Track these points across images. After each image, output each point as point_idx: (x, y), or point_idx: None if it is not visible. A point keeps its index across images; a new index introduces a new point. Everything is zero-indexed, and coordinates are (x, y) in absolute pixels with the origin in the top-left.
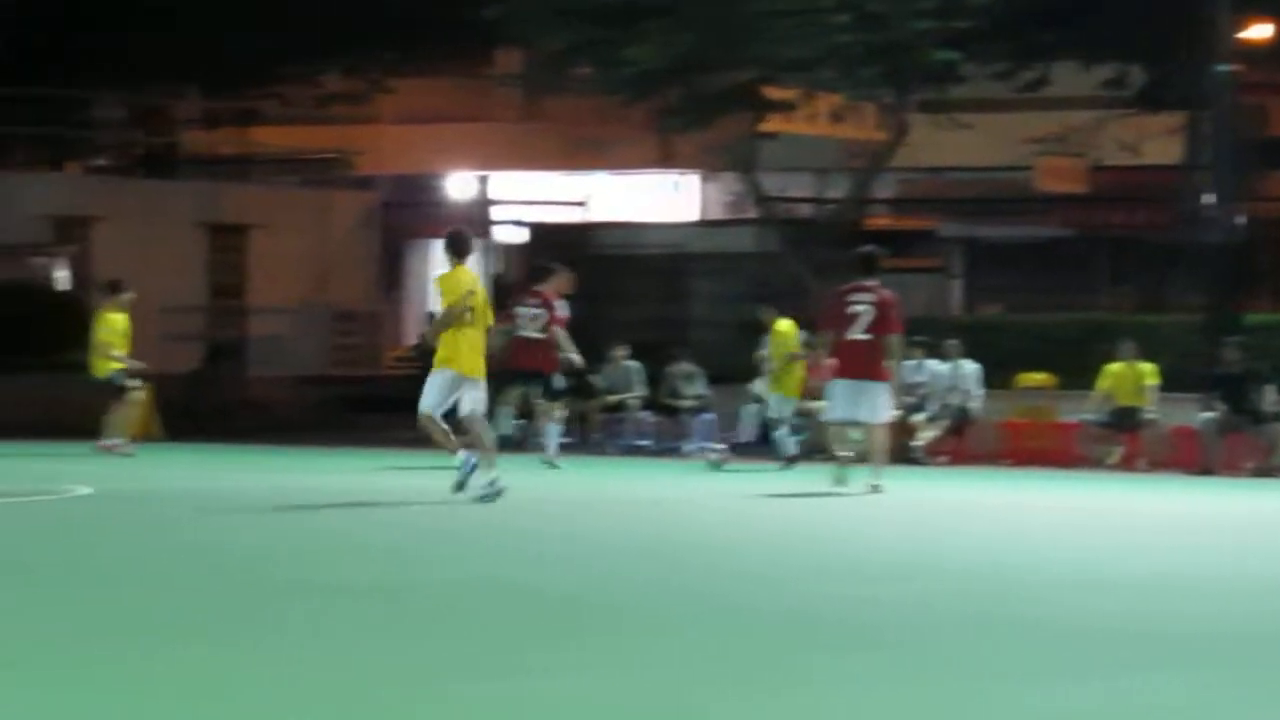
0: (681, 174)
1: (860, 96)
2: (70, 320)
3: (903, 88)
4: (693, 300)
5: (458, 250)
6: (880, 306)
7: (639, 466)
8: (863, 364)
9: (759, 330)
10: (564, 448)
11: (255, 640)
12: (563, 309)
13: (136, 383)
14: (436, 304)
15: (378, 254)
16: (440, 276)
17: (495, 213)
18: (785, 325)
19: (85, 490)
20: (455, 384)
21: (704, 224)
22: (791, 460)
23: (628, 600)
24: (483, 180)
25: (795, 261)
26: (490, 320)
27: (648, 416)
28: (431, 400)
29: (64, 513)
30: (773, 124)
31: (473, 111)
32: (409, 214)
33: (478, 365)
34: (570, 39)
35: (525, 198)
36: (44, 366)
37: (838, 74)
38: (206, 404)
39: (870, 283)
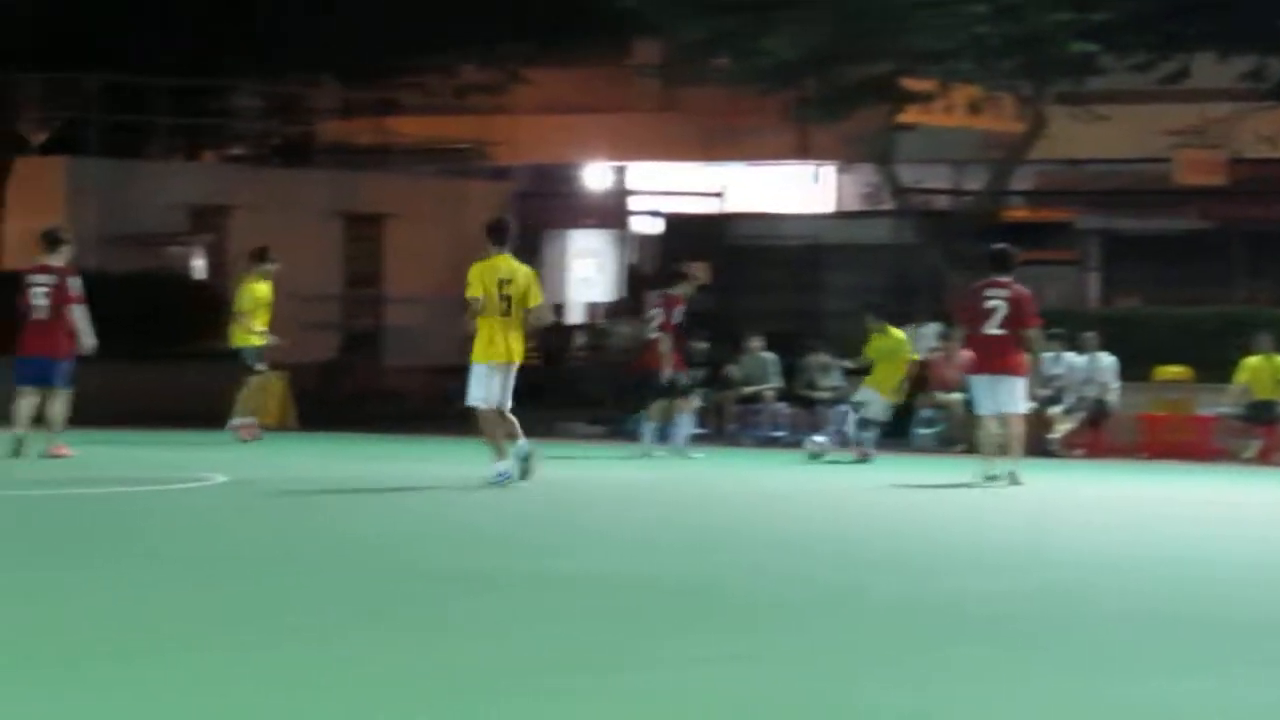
0: (818, 165)
1: (998, 88)
2: (206, 309)
3: (1041, 79)
4: (829, 291)
5: (496, 238)
6: (1014, 302)
7: (773, 458)
8: (998, 358)
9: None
10: (699, 439)
11: (383, 629)
12: (677, 315)
13: (263, 366)
14: (571, 293)
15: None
16: (473, 265)
17: (631, 203)
18: (896, 333)
19: (221, 478)
20: (492, 373)
21: (840, 215)
22: (864, 456)
23: (763, 592)
24: (619, 171)
25: (932, 253)
26: (531, 304)
27: (783, 408)
28: (478, 393)
29: (200, 501)
30: (910, 115)
31: (610, 102)
32: (545, 204)
33: (506, 353)
34: (708, 29)
35: (661, 188)
36: (180, 355)
37: (976, 65)
38: (341, 393)
39: (1004, 279)
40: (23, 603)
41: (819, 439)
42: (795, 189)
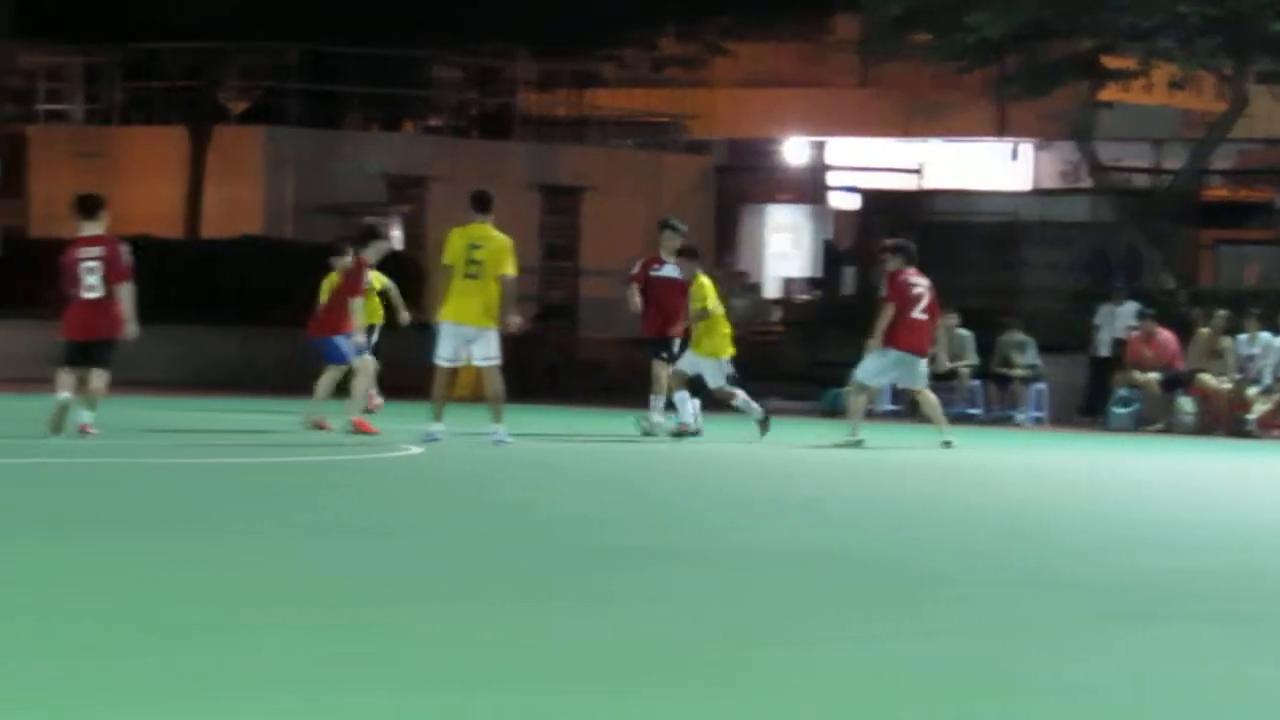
0: (1017, 142)
1: (1199, 66)
2: (404, 280)
3: (1242, 58)
4: (1026, 269)
5: (478, 206)
6: None
7: (969, 435)
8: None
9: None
10: (893, 414)
11: (576, 600)
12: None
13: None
14: (775, 268)
15: (711, 218)
16: (449, 233)
17: (829, 179)
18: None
19: (417, 450)
20: (454, 334)
21: (1038, 193)
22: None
23: (946, 568)
24: (818, 146)
25: (1130, 232)
26: (502, 272)
27: (979, 385)
28: (442, 352)
29: (397, 471)
30: (1110, 93)
31: (809, 77)
32: (743, 178)
33: (475, 315)
34: (909, 5)
35: (860, 164)
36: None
37: (1176, 44)
38: (536, 365)
39: None
40: (234, 567)
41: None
42: (994, 166)
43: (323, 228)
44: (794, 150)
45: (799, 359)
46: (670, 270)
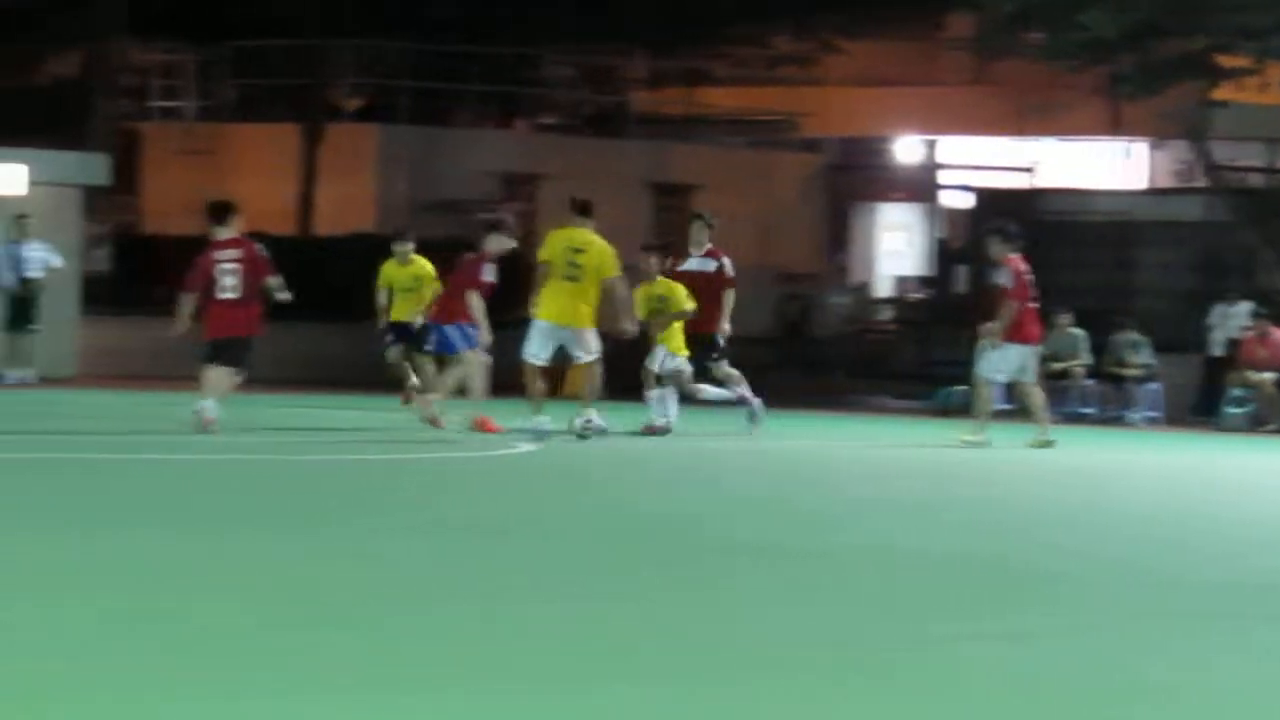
0: (1131, 141)
1: None
2: (516, 277)
3: None
4: (1139, 269)
5: (580, 211)
6: None
7: (1081, 435)
8: None
9: None
10: (1004, 414)
11: (686, 599)
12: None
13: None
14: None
15: (823, 217)
16: (550, 232)
17: (941, 177)
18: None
19: (529, 447)
20: (549, 333)
21: (1152, 192)
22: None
23: (1061, 568)
24: (930, 144)
25: (1245, 232)
26: (606, 275)
27: (1092, 384)
28: (531, 348)
29: (509, 468)
30: (1224, 92)
31: (921, 75)
32: (855, 177)
33: (573, 317)
34: (1023, 2)
35: (972, 162)
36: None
37: None
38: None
39: None
40: (356, 563)
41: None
42: (1107, 165)
43: (435, 225)
44: (906, 148)
45: (911, 358)
46: (698, 263)
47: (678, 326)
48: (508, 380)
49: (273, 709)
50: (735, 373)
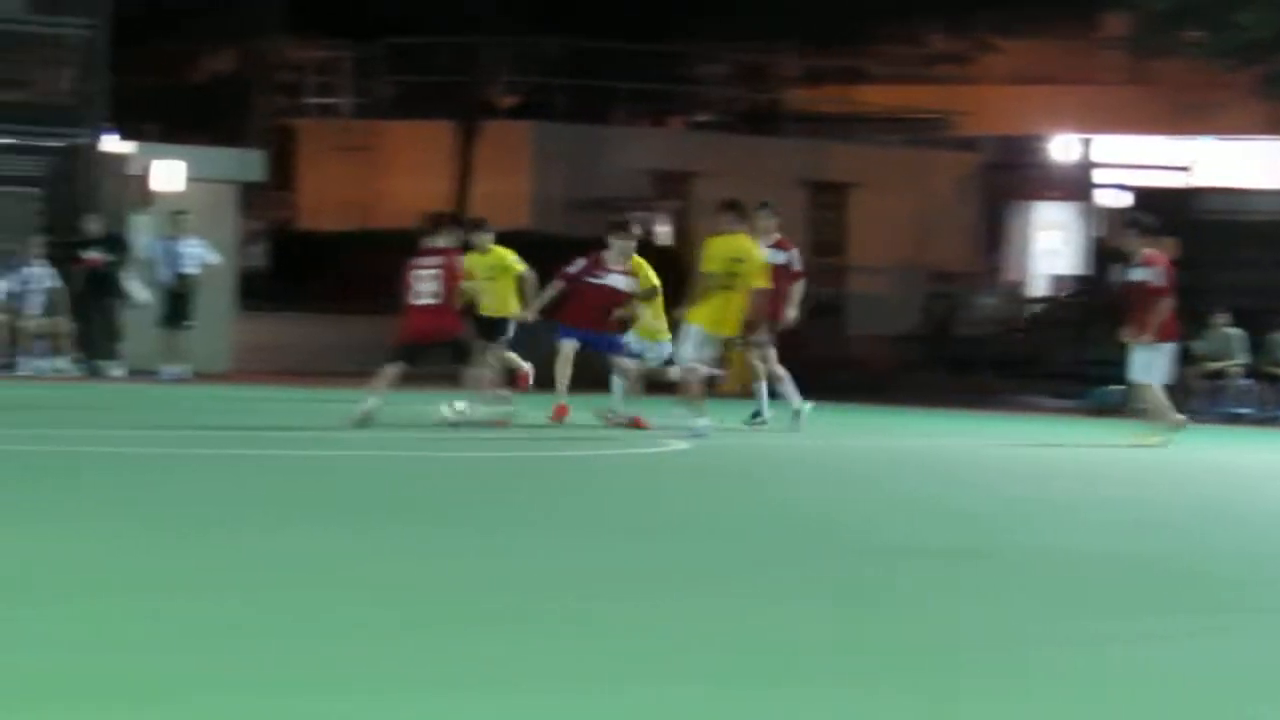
0: None
1: None
2: (670, 275)
3: None
4: None
5: (737, 214)
6: None
7: (1238, 435)
8: None
9: None
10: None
11: (838, 598)
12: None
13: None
14: (1042, 265)
15: (978, 216)
16: (709, 240)
17: (1097, 176)
18: None
19: (681, 445)
20: (705, 340)
21: None
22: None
23: (1215, 569)
24: (1085, 143)
25: None
26: (759, 284)
27: (1248, 384)
28: (690, 353)
29: (659, 466)
30: None
31: (1077, 73)
32: (1011, 176)
33: (732, 326)
34: (1177, 2)
35: (1129, 161)
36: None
37: None
38: (803, 361)
39: None
40: (466, 561)
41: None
42: (1264, 164)
43: (588, 223)
44: (1062, 147)
45: (1067, 357)
46: (767, 254)
47: (651, 312)
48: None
49: (421, 708)
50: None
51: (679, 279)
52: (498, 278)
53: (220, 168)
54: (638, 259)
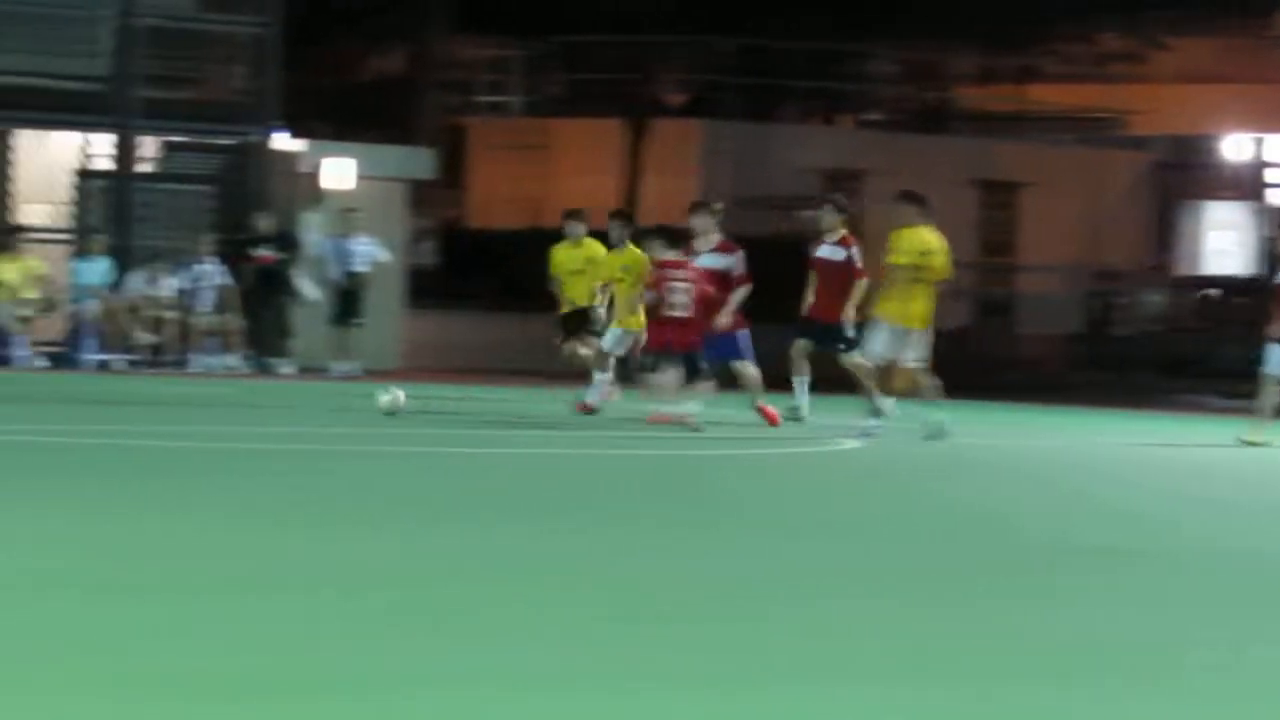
0: None
1: None
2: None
3: None
4: None
5: (922, 207)
6: None
7: None
8: None
9: None
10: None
11: (987, 596)
12: None
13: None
14: (1214, 265)
15: (1149, 215)
16: (896, 233)
17: (1271, 175)
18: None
19: (851, 444)
20: (894, 334)
21: None
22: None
23: None
24: (1258, 142)
25: None
26: (945, 277)
27: None
28: (877, 349)
29: (830, 465)
30: None
31: (1250, 72)
32: (1183, 175)
33: (919, 319)
34: None
35: None
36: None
37: None
38: (973, 360)
39: None
40: (621, 560)
41: None
42: None
43: (757, 221)
44: (1234, 146)
45: (1239, 356)
46: (829, 250)
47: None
48: (829, 373)
49: (611, 704)
50: (869, 366)
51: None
52: (587, 270)
53: (390, 165)
54: (633, 249)
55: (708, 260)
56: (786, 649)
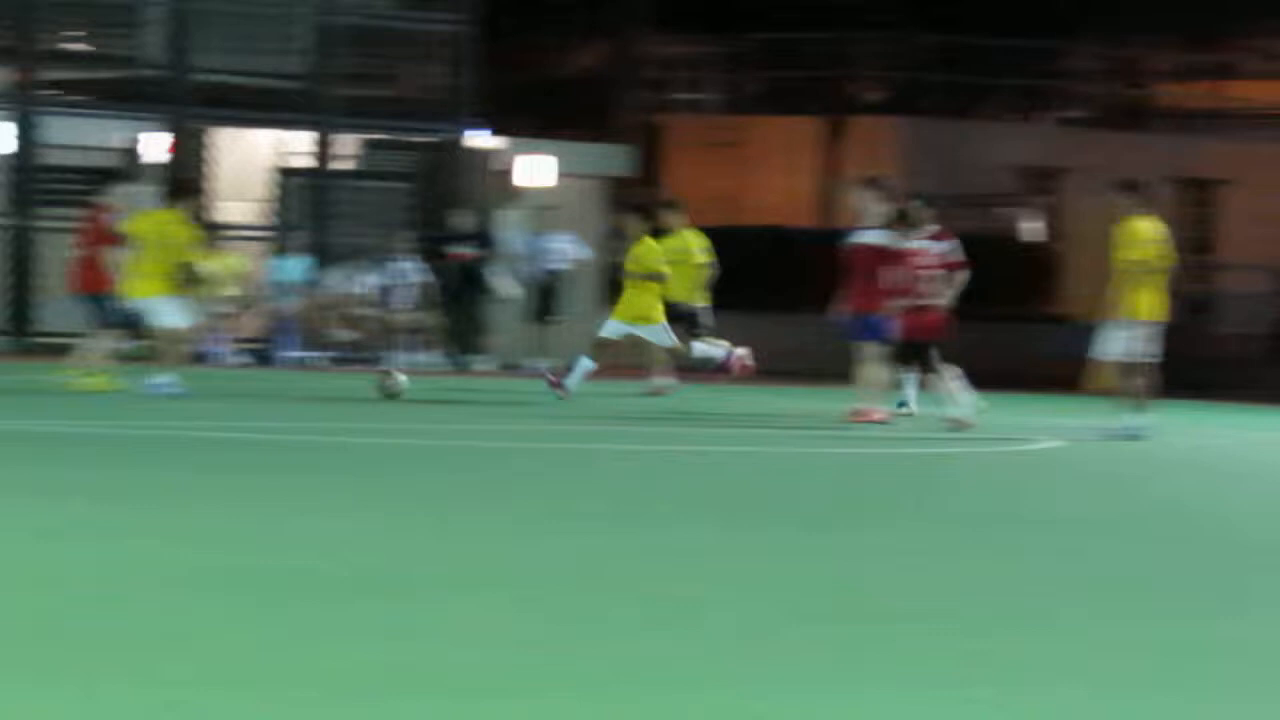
0: None
1: None
2: (1036, 271)
3: None
4: None
5: (1138, 195)
6: None
7: None
8: None
9: None
10: None
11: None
12: None
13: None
14: None
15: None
16: (1125, 225)
17: None
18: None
19: (1054, 443)
20: (1141, 332)
21: None
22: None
23: None
24: None
25: None
26: (1172, 263)
27: None
28: (1121, 348)
29: (1033, 464)
30: None
31: None
32: None
33: (1162, 312)
34: None
35: None
36: (1009, 317)
37: None
38: (1174, 359)
39: None
40: (820, 561)
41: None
42: None
43: (955, 218)
44: None
45: None
46: (872, 235)
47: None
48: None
49: (805, 704)
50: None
51: (1045, 276)
52: (686, 260)
53: (588, 163)
54: (648, 241)
55: (871, 236)
56: (981, 651)
